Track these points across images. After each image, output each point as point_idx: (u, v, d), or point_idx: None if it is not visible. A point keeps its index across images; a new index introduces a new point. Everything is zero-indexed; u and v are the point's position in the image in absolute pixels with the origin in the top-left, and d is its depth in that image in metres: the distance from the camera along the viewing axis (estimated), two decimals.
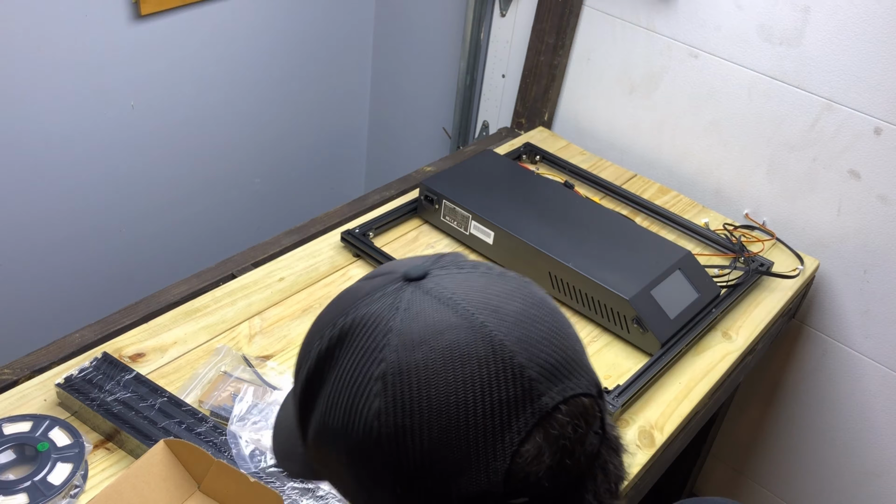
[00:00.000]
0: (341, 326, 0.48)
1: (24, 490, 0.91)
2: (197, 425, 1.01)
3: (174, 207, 1.85)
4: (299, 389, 0.50)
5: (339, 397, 0.46)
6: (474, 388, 0.44)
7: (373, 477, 0.46)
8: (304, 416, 0.51)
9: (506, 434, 0.44)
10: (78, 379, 1.04)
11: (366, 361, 0.46)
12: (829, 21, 1.36)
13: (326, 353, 0.48)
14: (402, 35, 2.05)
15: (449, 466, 0.44)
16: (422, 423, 0.43)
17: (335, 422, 0.47)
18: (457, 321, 0.45)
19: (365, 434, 0.45)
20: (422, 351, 0.44)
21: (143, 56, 1.60)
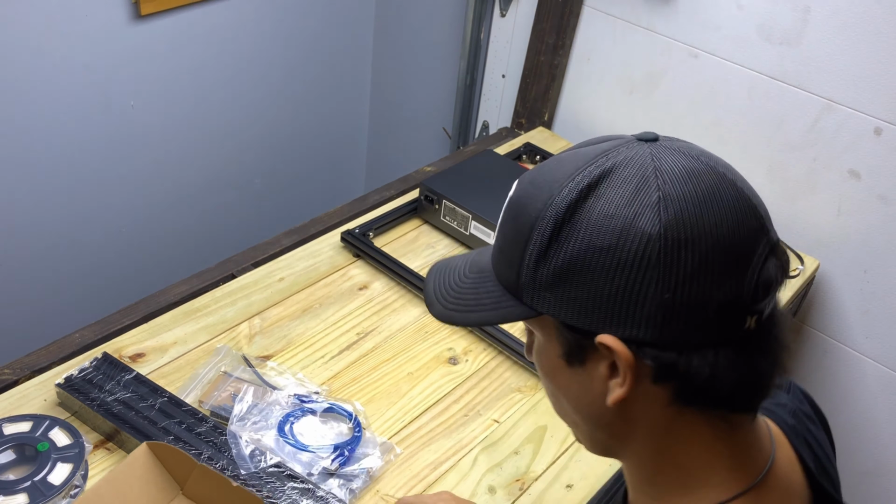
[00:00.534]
0: (601, 167, 0.56)
1: (24, 490, 0.91)
2: (197, 425, 1.01)
3: (174, 207, 1.85)
4: (548, 227, 0.56)
5: (609, 220, 0.54)
6: (733, 215, 0.55)
7: (640, 288, 0.54)
8: (543, 252, 0.57)
9: (753, 254, 0.55)
10: (78, 379, 1.04)
11: (640, 189, 0.55)
12: (830, 21, 1.36)
13: (587, 188, 0.56)
14: (402, 35, 2.05)
15: (713, 277, 0.53)
16: (696, 239, 0.53)
17: (603, 241, 0.54)
18: (705, 168, 0.56)
19: (642, 248, 0.53)
20: (690, 184, 0.55)
21: (143, 56, 1.60)
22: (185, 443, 0.98)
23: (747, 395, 0.58)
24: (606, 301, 0.55)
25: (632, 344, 0.55)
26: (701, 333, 0.54)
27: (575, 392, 0.62)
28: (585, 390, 0.60)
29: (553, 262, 0.57)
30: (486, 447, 1.09)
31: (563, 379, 0.62)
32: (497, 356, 1.23)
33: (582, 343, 0.58)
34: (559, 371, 0.61)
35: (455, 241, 1.44)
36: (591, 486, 1.05)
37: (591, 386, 0.59)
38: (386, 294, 1.31)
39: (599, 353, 0.57)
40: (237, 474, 0.96)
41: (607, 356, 0.56)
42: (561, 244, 0.56)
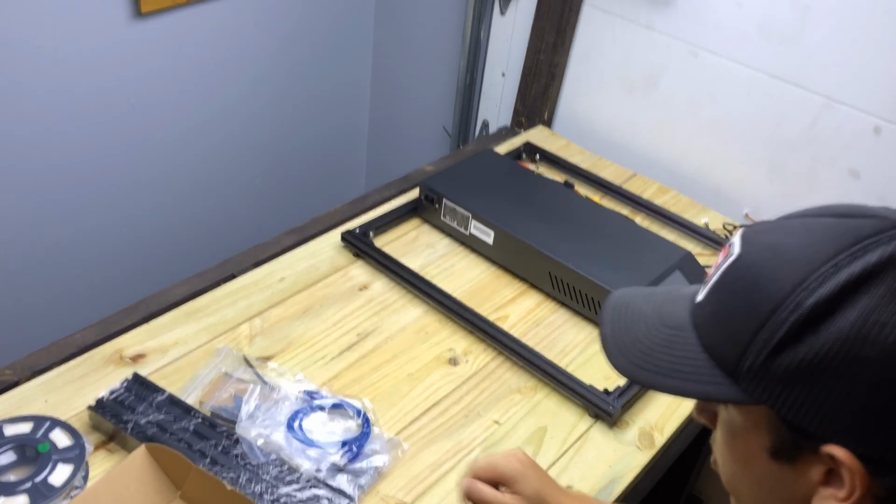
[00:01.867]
0: (871, 258, 0.49)
1: (24, 491, 0.92)
2: (233, 447, 0.99)
3: (174, 207, 1.85)
4: (801, 316, 0.49)
5: (882, 330, 0.47)
6: None
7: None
8: (785, 343, 0.50)
9: None
10: (109, 401, 1.03)
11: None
12: (829, 19, 1.36)
13: (855, 282, 0.48)
14: (402, 35, 2.05)
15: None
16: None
17: (872, 354, 0.47)
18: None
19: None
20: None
21: (143, 55, 1.60)
22: (222, 465, 0.97)
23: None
24: (857, 415, 0.49)
25: (870, 464, 0.49)
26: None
27: (770, 485, 0.56)
28: (784, 487, 0.54)
29: (797, 357, 0.50)
30: (486, 448, 1.09)
31: (758, 469, 0.56)
32: (497, 357, 1.23)
33: (800, 444, 0.52)
34: (755, 460, 0.55)
35: (455, 241, 1.44)
36: (591, 486, 1.05)
37: (794, 485, 0.54)
38: (386, 294, 1.31)
39: (819, 457, 0.51)
40: (237, 480, 0.96)
41: (829, 464, 0.51)
42: (815, 340, 0.49)
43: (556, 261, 1.29)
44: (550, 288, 1.33)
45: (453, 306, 1.26)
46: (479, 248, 1.40)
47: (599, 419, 1.14)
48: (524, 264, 1.35)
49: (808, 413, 0.50)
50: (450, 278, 1.36)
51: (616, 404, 1.12)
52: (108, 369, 1.12)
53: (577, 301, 1.30)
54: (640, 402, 1.17)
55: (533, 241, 1.31)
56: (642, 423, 1.15)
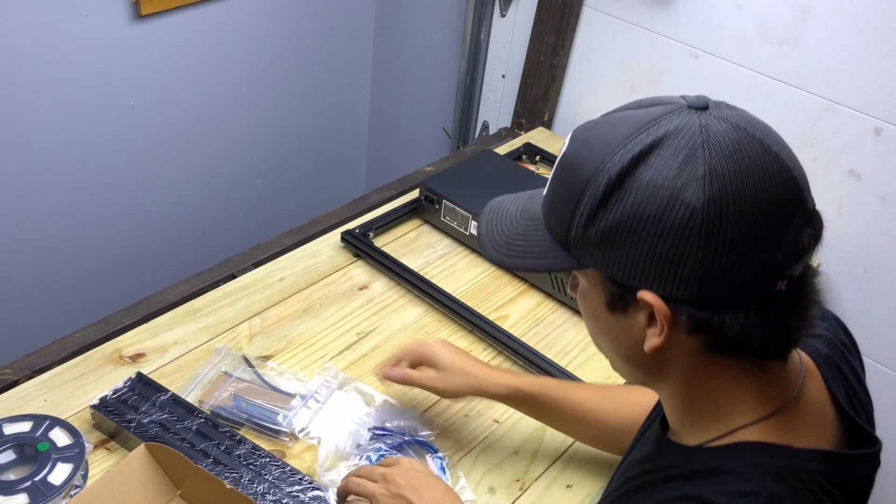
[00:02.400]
0: (651, 137, 0.60)
1: (24, 490, 0.91)
2: (235, 447, 0.99)
3: (174, 207, 1.85)
4: (600, 190, 0.60)
5: (657, 190, 0.58)
6: (772, 189, 0.58)
7: (681, 254, 0.58)
8: (593, 213, 0.61)
9: (789, 224, 0.59)
10: (112, 400, 1.03)
11: (688, 162, 0.58)
12: (830, 21, 1.36)
13: (638, 156, 0.59)
14: (402, 35, 2.05)
15: (750, 247, 0.58)
16: (737, 212, 0.57)
17: (650, 210, 0.58)
18: (750, 141, 0.60)
19: (686, 219, 0.57)
20: (736, 158, 0.58)
21: (143, 56, 1.60)
22: (225, 465, 0.97)
23: (777, 348, 0.63)
24: (650, 263, 0.60)
25: (670, 301, 0.60)
26: (735, 295, 0.59)
27: (615, 335, 0.67)
28: (624, 335, 0.65)
29: (602, 224, 0.61)
30: (486, 447, 1.09)
31: (604, 322, 0.67)
32: (497, 356, 1.23)
33: (624, 295, 0.62)
34: (601, 315, 0.67)
35: (455, 241, 1.44)
36: (591, 486, 1.05)
37: (629, 332, 0.64)
38: (386, 294, 1.31)
39: (639, 304, 0.62)
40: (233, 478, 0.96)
41: (646, 308, 0.61)
42: (610, 208, 0.60)
43: None
44: (550, 288, 1.33)
45: (453, 306, 1.26)
46: (479, 248, 1.40)
47: None
48: None
49: (620, 267, 0.61)
50: (450, 278, 1.36)
51: None
52: (108, 369, 1.12)
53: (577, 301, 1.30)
54: None
55: None
56: None
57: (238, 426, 1.05)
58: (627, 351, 0.67)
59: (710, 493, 0.61)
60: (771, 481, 0.61)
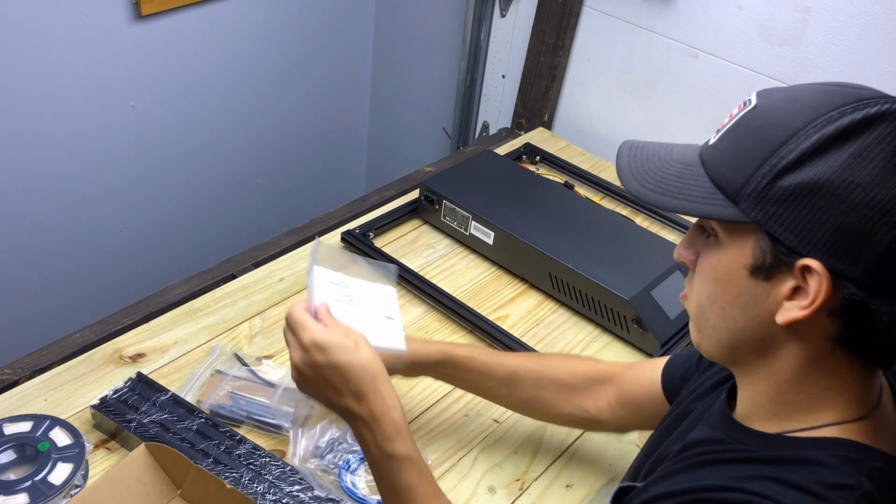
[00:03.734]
0: (880, 109, 0.57)
1: (24, 490, 0.91)
2: (235, 447, 0.99)
3: (174, 207, 1.85)
4: (808, 144, 0.58)
5: (875, 161, 0.56)
6: None
7: (875, 230, 0.56)
8: (790, 166, 0.58)
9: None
10: (113, 400, 1.03)
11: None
12: (829, 22, 1.36)
13: (864, 120, 0.57)
14: (402, 35, 2.05)
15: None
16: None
17: (863, 178, 0.56)
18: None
19: (893, 199, 0.55)
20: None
21: (143, 56, 1.60)
22: (225, 465, 0.97)
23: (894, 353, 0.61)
24: (834, 232, 0.57)
25: (834, 275, 0.57)
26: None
27: (743, 302, 0.63)
28: (756, 303, 0.62)
29: (795, 181, 0.58)
30: (486, 447, 1.09)
31: (735, 286, 0.63)
32: None
33: (780, 260, 0.60)
34: (734, 279, 0.63)
35: (455, 241, 1.44)
36: (591, 486, 1.05)
37: (763, 301, 0.62)
38: None
39: (791, 272, 0.59)
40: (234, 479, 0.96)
41: (798, 279, 0.59)
42: (812, 169, 0.57)
43: (556, 261, 1.29)
44: (550, 288, 1.33)
45: (453, 306, 1.26)
46: (479, 249, 1.40)
47: None
48: (524, 264, 1.35)
49: (794, 230, 0.58)
50: (450, 278, 1.36)
51: None
52: (108, 368, 1.12)
53: (577, 301, 1.30)
54: None
55: (533, 241, 1.31)
56: None
57: (238, 424, 1.05)
58: (748, 321, 0.63)
59: (800, 479, 0.60)
60: (865, 479, 0.59)
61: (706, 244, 0.66)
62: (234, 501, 0.89)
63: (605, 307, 1.26)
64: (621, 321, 1.25)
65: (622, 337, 1.27)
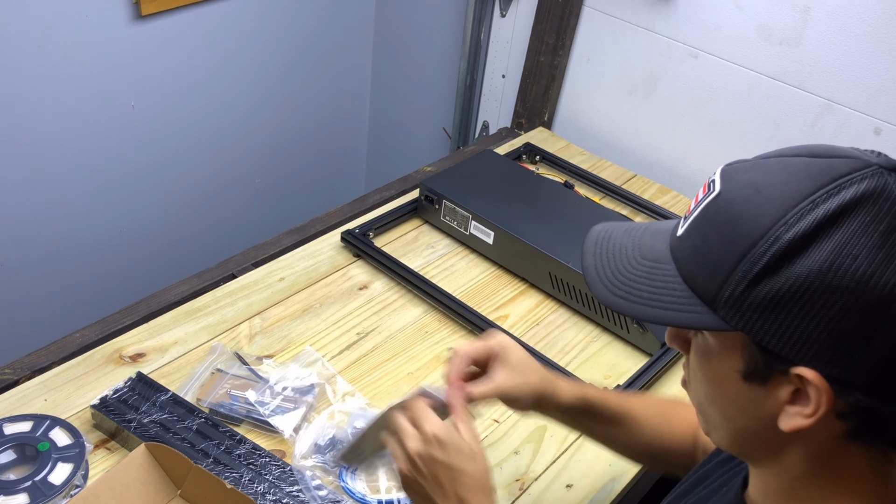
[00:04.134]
0: (846, 195, 0.52)
1: (24, 490, 0.91)
2: (235, 447, 0.99)
3: (174, 207, 1.85)
4: (779, 249, 0.53)
5: (853, 261, 0.51)
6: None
7: (871, 336, 0.51)
8: (763, 273, 0.53)
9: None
10: (113, 400, 1.03)
11: (892, 233, 0.51)
12: (829, 21, 1.36)
13: (831, 217, 0.52)
14: (402, 35, 2.05)
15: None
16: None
17: (843, 282, 0.51)
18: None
19: (884, 299, 0.50)
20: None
21: (143, 56, 1.60)
22: (225, 465, 0.97)
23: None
24: (827, 340, 0.52)
25: (834, 383, 0.53)
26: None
27: (740, 405, 0.59)
28: (754, 407, 0.58)
29: (774, 287, 0.53)
30: (486, 447, 1.09)
31: (731, 391, 0.59)
32: None
33: (771, 366, 0.55)
34: (728, 382, 0.59)
35: (455, 241, 1.44)
36: (591, 486, 1.05)
37: (762, 405, 0.57)
38: (386, 294, 1.31)
39: (788, 379, 0.55)
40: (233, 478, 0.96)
41: (797, 384, 0.54)
42: (791, 272, 0.52)
43: (556, 261, 1.29)
44: (550, 288, 1.33)
45: (453, 306, 1.26)
46: (479, 248, 1.40)
47: None
48: (524, 264, 1.35)
49: (782, 339, 0.53)
50: (450, 278, 1.36)
51: None
52: (108, 368, 1.12)
53: (577, 301, 1.30)
54: None
55: (533, 241, 1.31)
56: None
57: (237, 423, 1.05)
58: (748, 423, 0.59)
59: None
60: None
61: (694, 338, 0.63)
62: (234, 501, 0.89)
63: (605, 307, 1.26)
64: (621, 321, 1.25)
65: (622, 337, 1.27)
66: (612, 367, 1.23)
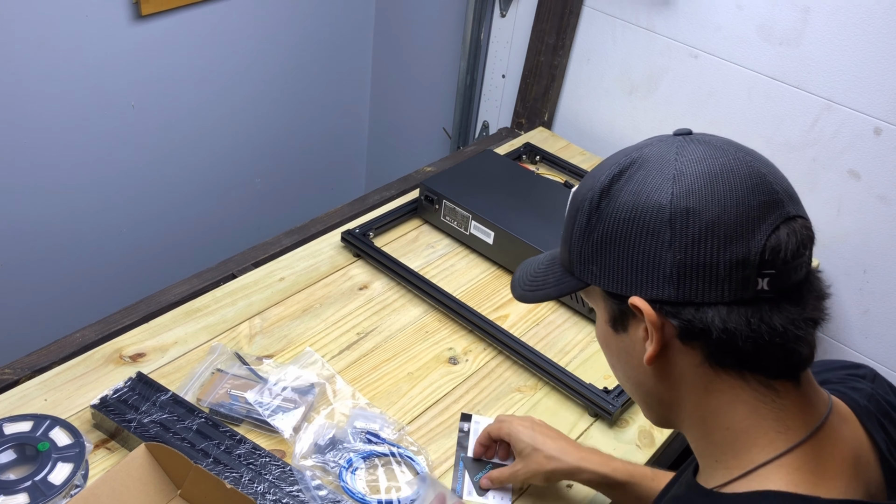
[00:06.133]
0: (631, 158, 0.65)
1: (24, 490, 0.91)
2: (235, 447, 0.99)
3: (174, 207, 1.85)
4: (586, 206, 0.66)
5: (632, 196, 0.63)
6: (742, 189, 0.61)
7: (656, 251, 0.62)
8: (584, 229, 0.66)
9: (762, 222, 0.60)
10: (113, 400, 1.03)
11: (660, 169, 0.63)
12: (829, 21, 1.36)
13: (619, 172, 0.65)
14: (402, 35, 2.05)
15: (719, 240, 0.60)
16: (702, 206, 0.60)
17: (626, 214, 0.63)
18: (723, 153, 0.63)
19: (655, 216, 0.61)
20: (704, 164, 0.62)
21: (143, 56, 1.60)
22: (225, 465, 0.97)
23: (773, 354, 0.62)
24: (633, 266, 0.63)
25: (655, 304, 0.62)
26: (714, 291, 0.60)
27: (624, 359, 0.69)
28: (629, 355, 0.68)
29: (593, 236, 0.66)
30: None
31: (614, 347, 0.70)
32: (497, 356, 1.23)
33: (622, 309, 0.65)
34: (610, 339, 0.70)
35: (455, 241, 1.44)
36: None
37: (633, 350, 0.67)
38: (386, 294, 1.31)
39: (637, 318, 0.65)
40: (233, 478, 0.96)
41: (642, 319, 0.64)
42: (599, 219, 0.65)
43: None
44: None
45: (453, 306, 1.26)
46: (479, 248, 1.40)
47: (599, 418, 1.14)
48: None
49: (612, 277, 0.65)
50: (450, 278, 1.36)
51: (615, 402, 1.12)
52: (108, 368, 1.12)
53: (577, 300, 1.30)
54: None
55: (533, 241, 1.31)
56: (642, 421, 1.15)
57: (237, 423, 1.05)
58: (635, 374, 0.68)
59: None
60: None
61: None
62: (234, 501, 0.89)
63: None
64: None
65: None
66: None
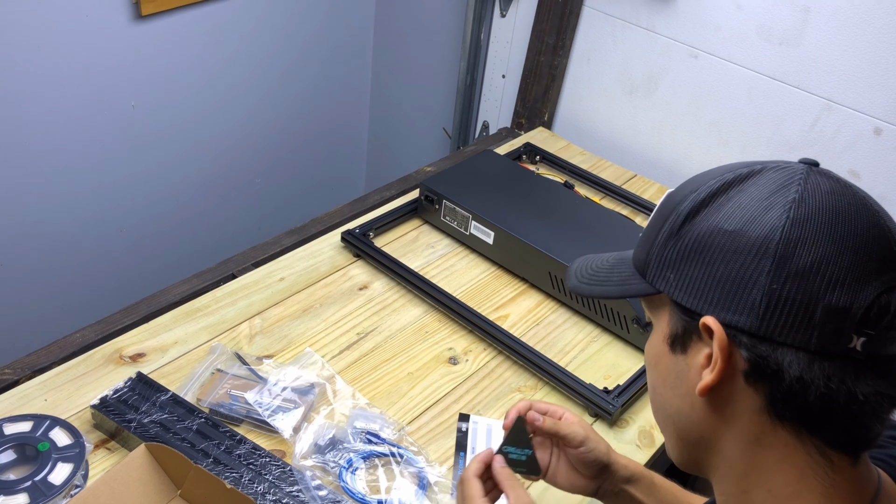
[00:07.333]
0: (751, 169, 0.60)
1: (24, 490, 0.91)
2: (235, 447, 0.99)
3: (174, 207, 1.85)
4: (686, 208, 0.61)
5: (742, 210, 0.58)
6: (865, 236, 0.55)
7: (751, 274, 0.56)
8: (675, 230, 0.61)
9: (877, 277, 0.54)
10: (113, 400, 1.03)
11: (781, 189, 0.57)
12: (829, 21, 1.36)
13: (734, 180, 0.60)
14: (402, 35, 2.05)
15: (825, 281, 0.54)
16: (817, 240, 0.55)
17: (730, 225, 0.57)
18: (851, 193, 0.58)
19: (763, 236, 0.56)
20: (831, 198, 0.56)
21: (143, 56, 1.60)
22: (225, 465, 0.97)
23: (842, 422, 0.55)
24: (718, 283, 0.57)
25: (730, 330, 0.56)
26: (801, 334, 0.54)
27: (671, 382, 0.63)
28: (679, 380, 0.62)
29: (682, 241, 0.60)
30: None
31: (664, 367, 0.64)
32: (497, 356, 1.23)
33: (688, 327, 0.60)
34: (662, 358, 0.63)
35: (455, 241, 1.44)
36: None
37: (686, 375, 0.61)
38: (386, 294, 1.31)
39: (702, 341, 0.59)
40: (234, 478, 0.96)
41: (708, 344, 0.58)
42: (695, 225, 0.60)
43: (556, 261, 1.29)
44: (550, 288, 1.33)
45: (453, 306, 1.26)
46: (479, 248, 1.40)
47: (599, 418, 1.14)
48: (524, 264, 1.35)
49: (690, 290, 0.59)
50: (450, 278, 1.36)
51: (616, 403, 1.12)
52: (108, 368, 1.12)
53: (577, 301, 1.30)
54: (641, 400, 1.17)
55: (533, 241, 1.31)
56: (642, 421, 1.15)
57: (237, 423, 1.05)
58: (681, 401, 0.62)
59: None
60: None
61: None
62: (234, 501, 0.89)
63: (604, 307, 1.26)
64: (621, 321, 1.25)
65: (622, 336, 1.27)
66: (611, 366, 1.23)
